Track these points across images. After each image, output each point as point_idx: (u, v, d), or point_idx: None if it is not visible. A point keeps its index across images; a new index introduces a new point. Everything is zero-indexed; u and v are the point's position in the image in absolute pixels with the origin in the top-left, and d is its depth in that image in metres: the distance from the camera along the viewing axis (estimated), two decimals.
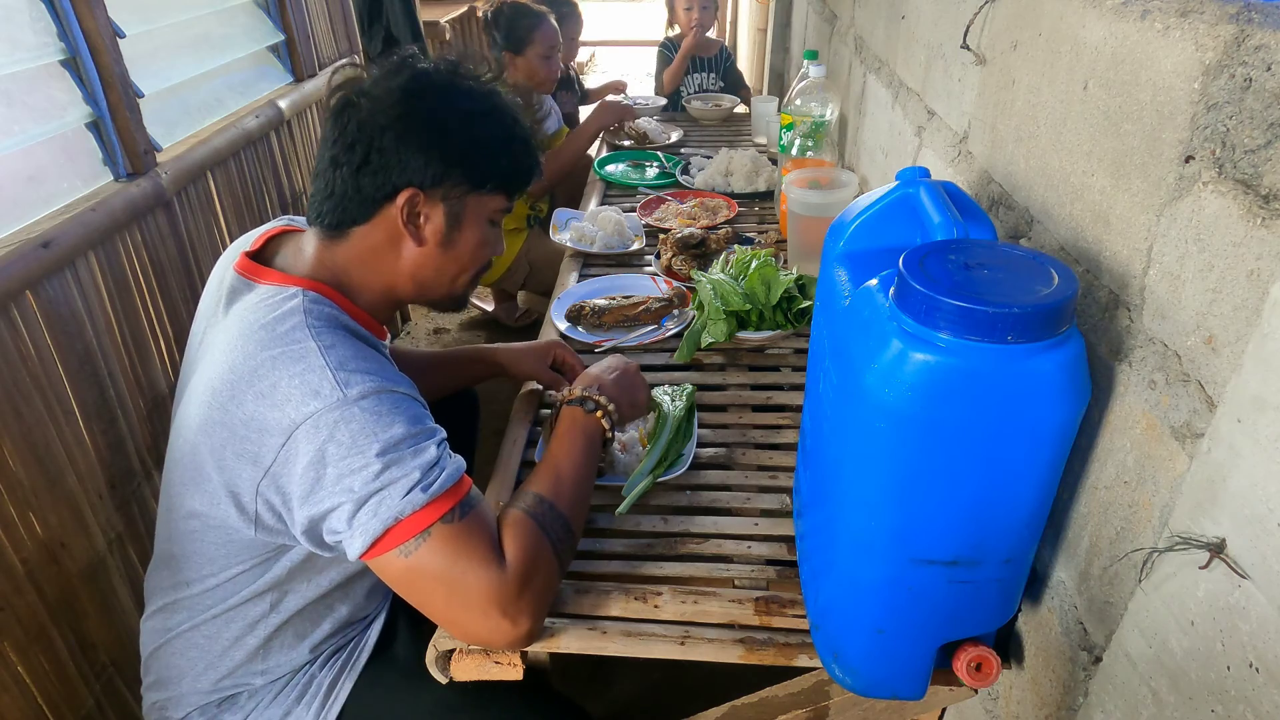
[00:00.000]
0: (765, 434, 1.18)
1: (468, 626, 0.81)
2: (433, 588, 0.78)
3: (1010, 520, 0.68)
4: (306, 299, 0.84)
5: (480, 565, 0.78)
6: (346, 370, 0.78)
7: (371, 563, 0.78)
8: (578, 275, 1.68)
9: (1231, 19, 0.54)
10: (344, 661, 0.99)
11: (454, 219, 0.90)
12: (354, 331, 0.86)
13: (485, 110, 0.90)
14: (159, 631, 0.94)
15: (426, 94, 0.87)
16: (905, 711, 0.92)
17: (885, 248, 0.79)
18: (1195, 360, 0.57)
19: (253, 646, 0.92)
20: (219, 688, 0.94)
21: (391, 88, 0.86)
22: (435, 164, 0.87)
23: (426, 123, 0.86)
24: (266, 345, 0.79)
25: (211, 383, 0.81)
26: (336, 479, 0.75)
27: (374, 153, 0.85)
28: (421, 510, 0.76)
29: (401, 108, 0.85)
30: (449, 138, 0.87)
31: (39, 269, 1.22)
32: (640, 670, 1.52)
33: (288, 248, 0.93)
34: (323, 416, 0.75)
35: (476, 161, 0.89)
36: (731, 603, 0.90)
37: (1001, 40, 0.93)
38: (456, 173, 0.88)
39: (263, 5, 2.10)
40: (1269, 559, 0.49)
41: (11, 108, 1.27)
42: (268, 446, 0.77)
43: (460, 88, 0.89)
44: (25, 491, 1.18)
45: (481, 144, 0.90)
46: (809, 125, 1.72)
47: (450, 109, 0.88)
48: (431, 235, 0.90)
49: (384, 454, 0.75)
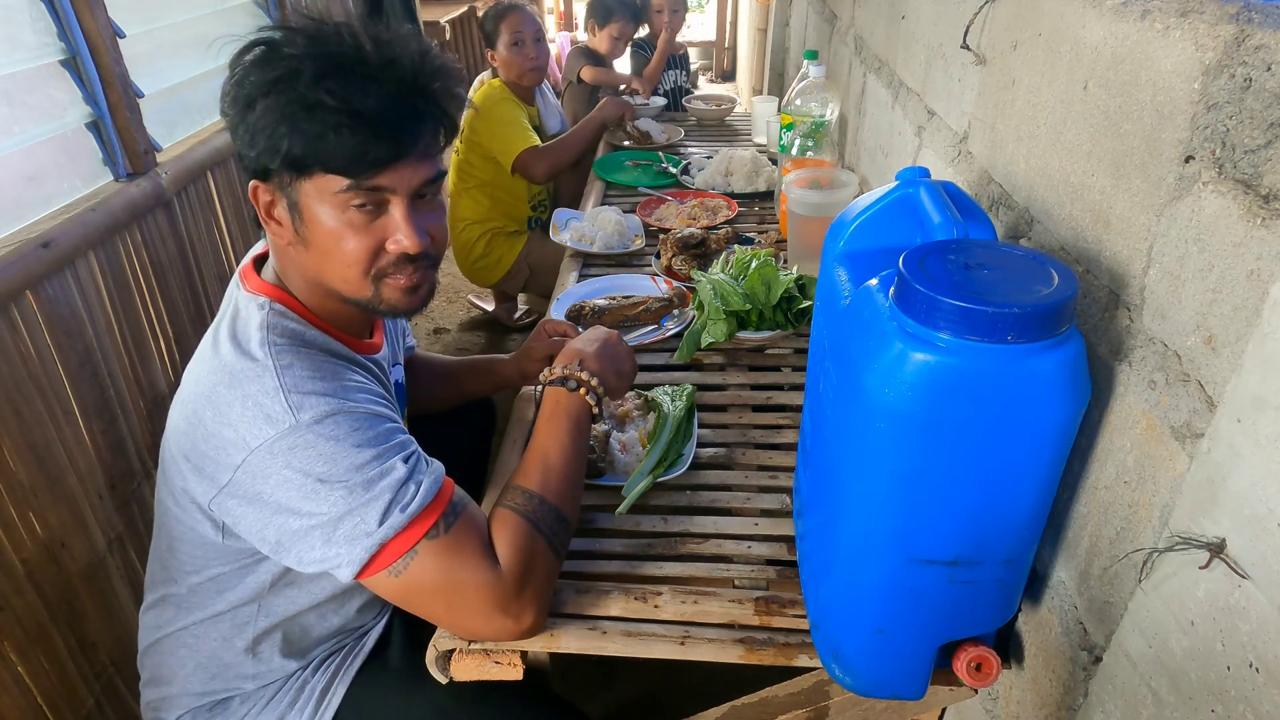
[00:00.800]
0: (765, 434, 1.18)
1: (472, 629, 0.81)
2: (430, 599, 0.78)
3: (1010, 520, 0.68)
4: (271, 312, 0.82)
5: (474, 570, 0.77)
6: (300, 393, 0.75)
7: (365, 582, 0.78)
8: (578, 275, 1.68)
9: (1231, 19, 0.54)
10: (338, 666, 0.98)
11: (294, 208, 0.80)
12: (318, 345, 0.83)
13: (276, 79, 0.75)
14: (153, 627, 0.95)
15: (234, 71, 0.78)
16: (905, 711, 0.92)
17: (885, 248, 0.79)
18: (1195, 360, 0.57)
19: (241, 649, 0.92)
20: (210, 690, 0.94)
21: (234, 66, 0.79)
22: (246, 150, 0.78)
23: (237, 102, 0.77)
24: (229, 360, 0.78)
25: (185, 390, 0.81)
26: (295, 506, 0.74)
27: (234, 143, 0.80)
28: (404, 531, 0.75)
29: (231, 88, 0.78)
30: (256, 119, 0.76)
31: (39, 269, 1.22)
32: (640, 670, 1.52)
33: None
34: (277, 444, 0.74)
35: (273, 141, 0.76)
36: (731, 603, 0.90)
37: (1001, 40, 0.93)
38: (266, 158, 0.77)
39: (263, 5, 2.10)
40: (1269, 559, 0.49)
41: (11, 108, 1.27)
42: (225, 464, 0.76)
43: (263, 57, 0.77)
44: (25, 491, 1.18)
45: (277, 121, 0.75)
46: (809, 125, 1.72)
47: (253, 85, 0.76)
48: (285, 230, 0.82)
49: (345, 477, 0.74)
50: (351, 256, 0.81)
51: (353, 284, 0.83)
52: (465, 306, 3.10)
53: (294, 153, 0.76)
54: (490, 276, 2.66)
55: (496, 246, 2.59)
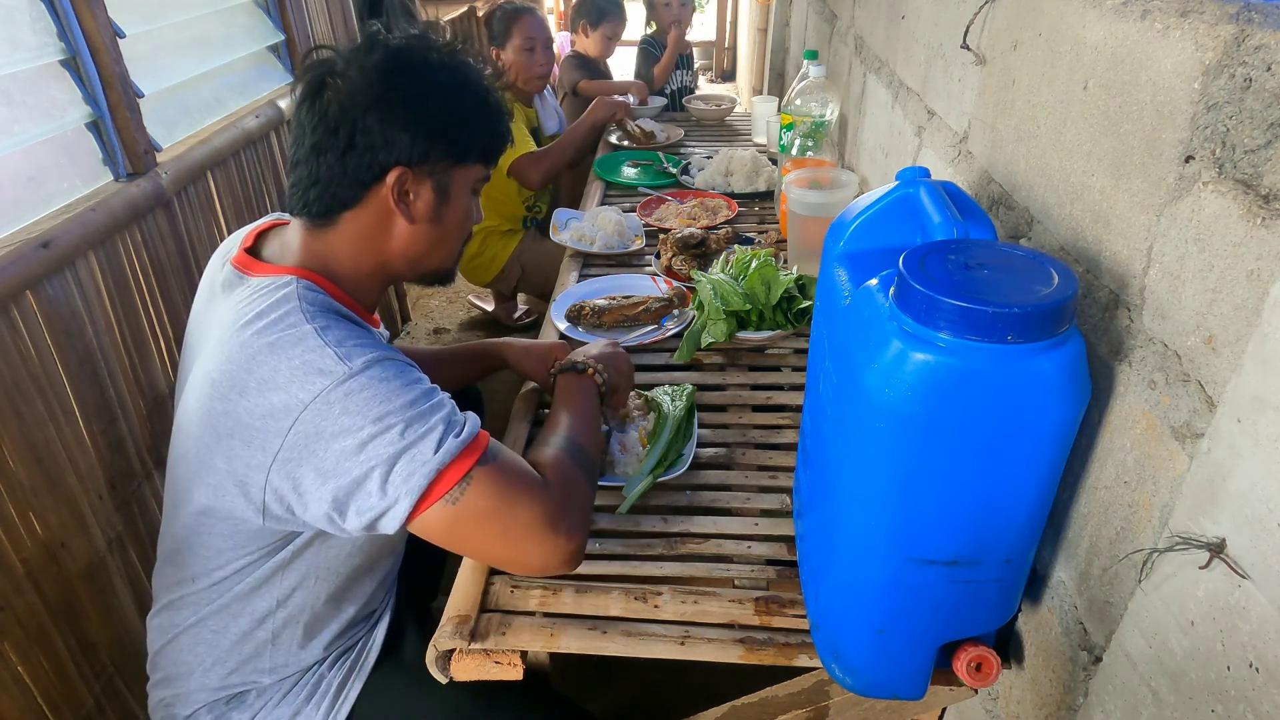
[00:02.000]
0: (765, 434, 1.18)
1: (526, 554, 0.82)
2: (485, 527, 0.79)
3: (1010, 520, 0.68)
4: (300, 285, 0.84)
5: (525, 491, 0.80)
6: (346, 345, 0.79)
7: (416, 523, 0.78)
8: (578, 275, 1.68)
9: (1231, 19, 0.54)
10: (353, 662, 0.99)
11: (442, 194, 0.91)
12: (346, 316, 0.86)
13: (460, 82, 0.90)
14: (166, 628, 0.95)
15: (404, 70, 0.86)
16: (905, 711, 0.92)
17: (885, 248, 0.79)
18: (1195, 360, 0.57)
19: (261, 641, 0.93)
20: (227, 684, 0.94)
21: (367, 66, 0.85)
22: (420, 141, 0.86)
23: (408, 100, 0.85)
24: (263, 333, 0.79)
25: (210, 375, 0.81)
26: (359, 448, 0.75)
27: (359, 134, 0.84)
28: (459, 457, 0.77)
29: (381, 86, 0.84)
30: (431, 113, 0.86)
31: (39, 269, 1.22)
32: (640, 670, 1.52)
33: (275, 241, 0.94)
34: (332, 392, 0.76)
35: (458, 135, 0.89)
36: (731, 603, 0.90)
37: (1001, 40, 0.93)
38: (440, 148, 0.88)
39: (263, 5, 2.10)
40: (1269, 559, 0.49)
41: (11, 108, 1.27)
42: (273, 431, 0.77)
43: (434, 61, 0.88)
44: (25, 491, 1.18)
45: (461, 117, 0.89)
46: (809, 125, 1.72)
47: (429, 84, 0.87)
48: (421, 212, 0.90)
49: (402, 413, 0.76)
50: (466, 232, 0.98)
51: (453, 256, 0.99)
52: (465, 307, 3.10)
53: (473, 144, 0.91)
54: (484, 275, 2.66)
55: (491, 245, 2.59)
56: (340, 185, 0.87)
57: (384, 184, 0.86)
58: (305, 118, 0.87)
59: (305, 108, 0.87)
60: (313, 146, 0.86)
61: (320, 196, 0.87)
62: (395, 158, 0.86)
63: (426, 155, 0.87)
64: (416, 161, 0.87)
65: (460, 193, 0.93)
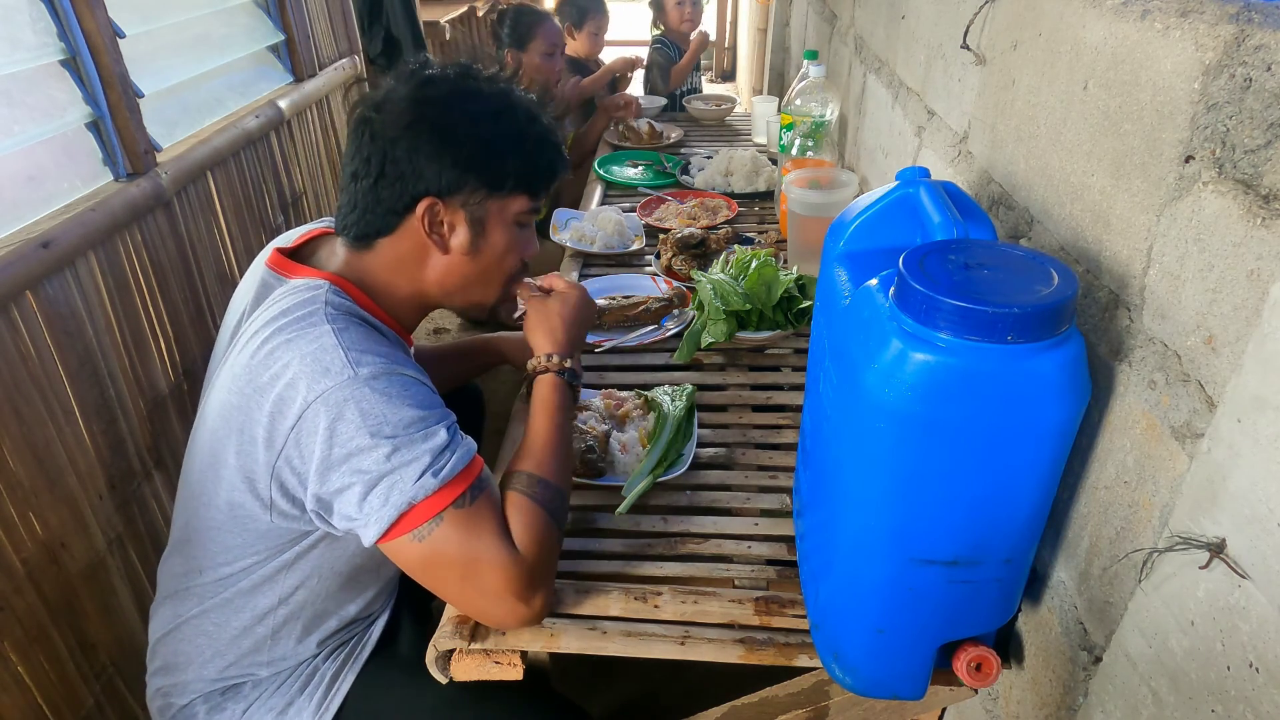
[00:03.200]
0: (765, 434, 1.18)
1: (483, 609, 0.82)
2: (447, 571, 0.79)
3: (1010, 520, 0.68)
4: (329, 290, 0.85)
5: (493, 549, 0.79)
6: (358, 350, 0.79)
7: (386, 546, 0.79)
8: (578, 275, 1.68)
9: (1231, 19, 0.54)
10: (347, 655, 0.99)
11: (478, 225, 0.90)
12: (371, 324, 0.87)
13: (495, 111, 0.88)
14: (169, 618, 0.95)
15: (433, 101, 0.86)
16: (905, 711, 0.92)
17: (885, 248, 0.79)
18: (1195, 360, 0.57)
19: (260, 636, 0.93)
20: (224, 676, 0.95)
21: (400, 97, 0.86)
22: (449, 171, 0.86)
23: (435, 130, 0.85)
24: (284, 329, 0.81)
25: (234, 370, 0.83)
26: (345, 459, 0.76)
27: (388, 164, 0.85)
28: (434, 495, 0.77)
29: (409, 116, 0.85)
30: (459, 143, 0.86)
31: (39, 269, 1.22)
32: (640, 670, 1.52)
33: (325, 248, 0.95)
34: (333, 394, 0.76)
35: (490, 164, 0.88)
36: (731, 603, 0.90)
37: (1001, 40, 0.93)
38: (472, 178, 0.87)
39: (263, 5, 2.10)
40: (1269, 559, 0.49)
41: (11, 108, 1.27)
42: (281, 427, 0.78)
43: (467, 90, 0.88)
44: (25, 491, 1.18)
45: (493, 146, 0.88)
46: (809, 125, 1.72)
47: (458, 113, 0.87)
48: (456, 243, 0.90)
49: (394, 436, 0.76)
50: (512, 266, 0.95)
51: (491, 292, 0.97)
52: None
53: (508, 174, 0.89)
54: None
55: None
56: (374, 213, 0.88)
57: (415, 214, 0.87)
58: (348, 147, 0.88)
59: (349, 138, 0.88)
60: (351, 174, 0.88)
61: (357, 222, 0.89)
62: (425, 188, 0.86)
63: (458, 186, 0.87)
64: (447, 192, 0.87)
65: (499, 225, 0.91)
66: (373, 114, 0.86)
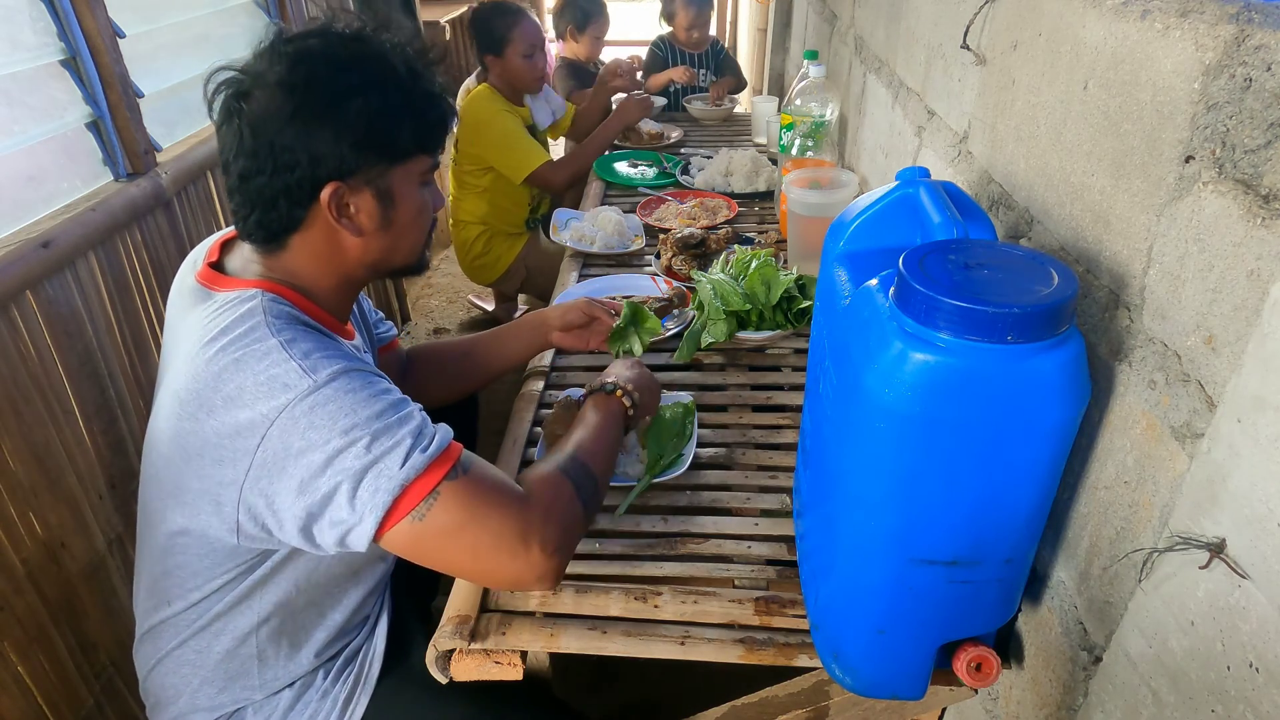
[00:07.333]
0: (765, 434, 1.18)
1: (499, 570, 0.79)
2: (453, 544, 0.77)
3: (1010, 520, 0.68)
4: (265, 298, 0.81)
5: (496, 505, 0.77)
6: (311, 358, 0.76)
7: (385, 539, 0.76)
8: (578, 275, 1.68)
9: (1231, 19, 0.54)
10: (357, 673, 0.96)
11: (385, 197, 0.85)
12: (313, 328, 0.83)
13: (377, 78, 0.82)
14: (150, 656, 0.93)
15: (312, 82, 0.79)
16: (905, 711, 0.92)
17: (885, 248, 0.79)
18: (1195, 360, 0.57)
19: (245, 657, 0.90)
20: (219, 704, 0.92)
21: (271, 83, 0.79)
22: (348, 152, 0.81)
23: (323, 113, 0.79)
24: (228, 349, 0.77)
25: (178, 394, 0.79)
26: (326, 463, 0.73)
27: (280, 157, 0.80)
28: (425, 473, 0.75)
29: (291, 104, 0.79)
30: (350, 121, 0.80)
31: (39, 269, 1.22)
32: (640, 670, 1.52)
33: (238, 254, 0.90)
34: (297, 406, 0.73)
35: (385, 136, 0.83)
36: (731, 603, 0.90)
37: (1001, 40, 0.93)
38: (370, 154, 0.82)
39: (263, 5, 2.10)
40: (1269, 559, 0.49)
41: (11, 108, 1.27)
42: (243, 448, 0.75)
43: (341, 60, 0.81)
44: (25, 491, 1.18)
45: (385, 115, 0.82)
46: (809, 125, 1.72)
47: (341, 89, 0.80)
48: (367, 222, 0.85)
49: (368, 425, 0.74)
50: (427, 225, 0.93)
51: (418, 250, 0.93)
52: (465, 307, 3.10)
53: (405, 139, 0.84)
54: (488, 275, 2.66)
55: (495, 246, 2.59)
56: (276, 211, 0.83)
57: (320, 202, 0.82)
58: (224, 143, 0.83)
59: (222, 133, 0.83)
60: (239, 175, 0.82)
61: (260, 223, 0.84)
62: (325, 174, 0.81)
63: (357, 164, 0.82)
64: (348, 173, 0.82)
65: (406, 190, 0.87)
66: (241, 104, 0.80)
